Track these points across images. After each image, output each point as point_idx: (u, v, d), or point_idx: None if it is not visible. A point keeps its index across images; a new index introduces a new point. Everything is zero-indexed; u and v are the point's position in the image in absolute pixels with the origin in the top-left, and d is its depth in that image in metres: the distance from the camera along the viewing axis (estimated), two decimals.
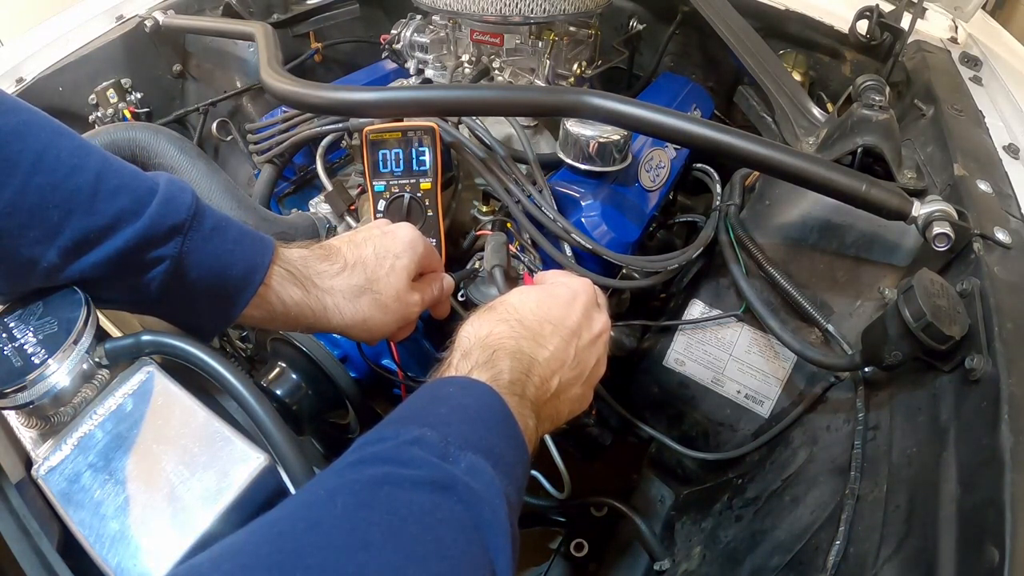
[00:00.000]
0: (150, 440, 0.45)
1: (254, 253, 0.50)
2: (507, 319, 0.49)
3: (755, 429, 0.77)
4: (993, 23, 1.14)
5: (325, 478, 0.34)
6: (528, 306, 0.50)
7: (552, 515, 0.96)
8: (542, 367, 0.48)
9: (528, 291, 0.53)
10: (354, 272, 0.55)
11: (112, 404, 0.47)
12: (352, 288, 0.54)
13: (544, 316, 0.50)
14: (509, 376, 0.45)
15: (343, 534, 0.30)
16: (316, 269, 0.53)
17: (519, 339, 0.48)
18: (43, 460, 0.45)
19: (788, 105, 0.87)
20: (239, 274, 0.48)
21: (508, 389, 0.44)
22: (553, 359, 0.49)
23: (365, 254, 0.56)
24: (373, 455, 0.36)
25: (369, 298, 0.55)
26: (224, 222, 0.49)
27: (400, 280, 0.56)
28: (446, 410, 0.40)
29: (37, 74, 0.99)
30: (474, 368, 0.45)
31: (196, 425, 0.46)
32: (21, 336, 0.44)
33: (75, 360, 0.44)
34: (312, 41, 1.24)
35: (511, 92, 0.69)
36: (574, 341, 0.51)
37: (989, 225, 0.59)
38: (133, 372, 0.49)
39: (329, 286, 0.54)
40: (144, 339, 0.48)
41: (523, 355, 0.47)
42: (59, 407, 0.45)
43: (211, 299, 0.48)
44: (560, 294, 0.53)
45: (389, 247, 0.57)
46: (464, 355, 0.46)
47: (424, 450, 0.36)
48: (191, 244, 0.46)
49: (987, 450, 0.43)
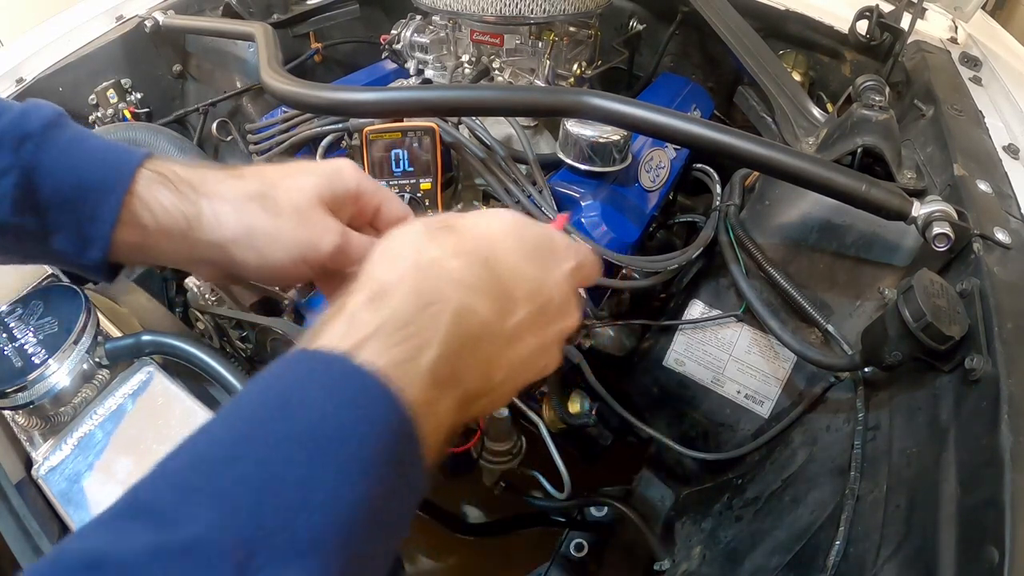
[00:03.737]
0: (150, 440, 0.45)
1: (119, 160, 0.41)
2: (472, 251, 0.32)
3: (755, 429, 0.77)
4: (993, 23, 1.14)
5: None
6: (507, 244, 0.34)
7: (552, 515, 0.96)
8: (495, 341, 0.32)
9: (512, 221, 0.36)
10: (248, 180, 0.43)
11: (112, 404, 0.47)
12: (242, 193, 0.42)
13: (523, 267, 0.34)
14: (436, 353, 0.28)
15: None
16: (201, 175, 0.43)
17: (476, 291, 0.31)
18: (43, 460, 0.45)
19: (788, 105, 0.87)
20: (99, 181, 0.40)
21: (427, 379, 0.28)
22: (513, 339, 0.33)
23: (270, 169, 0.44)
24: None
25: (260, 204, 0.42)
26: (88, 134, 0.42)
27: (307, 198, 0.42)
28: (282, 454, 0.24)
29: (37, 74, 0.99)
30: (380, 332, 0.28)
31: (196, 425, 0.46)
32: (21, 336, 0.44)
33: (75, 360, 0.44)
34: (312, 41, 1.24)
35: (511, 92, 0.69)
36: (539, 322, 0.35)
37: (989, 225, 0.59)
38: (133, 372, 0.49)
39: (212, 191, 0.42)
40: (144, 339, 0.48)
41: (473, 315, 0.31)
42: (59, 407, 0.46)
43: (72, 216, 0.41)
44: (553, 244, 0.37)
45: (303, 166, 0.44)
46: (373, 297, 0.29)
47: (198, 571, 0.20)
48: (45, 154, 0.40)
49: (987, 450, 0.43)
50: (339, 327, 0.28)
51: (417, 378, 0.28)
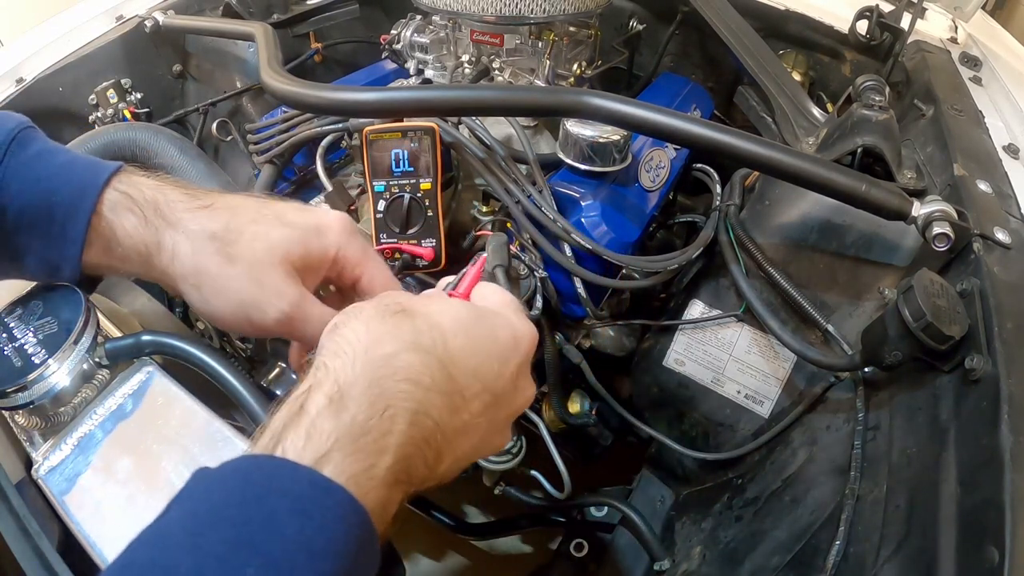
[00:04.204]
0: (150, 440, 0.45)
1: (85, 176, 0.40)
2: (427, 349, 0.32)
3: (755, 429, 0.77)
4: (993, 23, 1.14)
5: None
6: (460, 342, 0.34)
7: (552, 515, 0.96)
8: (445, 437, 0.32)
9: (465, 316, 0.35)
10: (216, 215, 0.40)
11: (112, 404, 0.47)
12: (203, 231, 0.40)
13: (476, 365, 0.34)
14: (391, 459, 0.29)
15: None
16: (168, 196, 0.41)
17: (430, 391, 0.31)
18: (43, 460, 0.45)
19: (788, 105, 0.87)
20: (66, 200, 0.39)
21: (383, 483, 0.29)
22: (462, 432, 0.34)
23: (246, 204, 0.42)
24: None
25: (216, 247, 0.40)
26: (55, 149, 0.41)
27: (270, 252, 0.40)
28: (252, 571, 0.24)
29: (37, 74, 0.99)
30: (340, 444, 0.28)
31: (196, 425, 0.46)
32: (21, 336, 0.44)
33: (75, 360, 0.44)
34: (312, 41, 1.24)
35: (511, 92, 0.69)
36: (490, 412, 0.35)
37: (989, 225, 0.59)
38: (133, 372, 0.49)
39: (177, 220, 0.40)
40: (144, 339, 0.48)
41: (427, 417, 0.31)
42: (59, 407, 0.46)
43: (40, 240, 0.40)
44: (502, 339, 0.36)
45: (283, 212, 0.42)
46: (332, 400, 0.29)
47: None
48: (9, 171, 0.39)
49: (987, 450, 0.43)
50: (300, 436, 0.28)
51: (374, 485, 0.29)
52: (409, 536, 1.23)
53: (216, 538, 0.24)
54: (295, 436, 0.28)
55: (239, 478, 0.27)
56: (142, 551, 0.25)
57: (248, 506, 0.25)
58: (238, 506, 0.26)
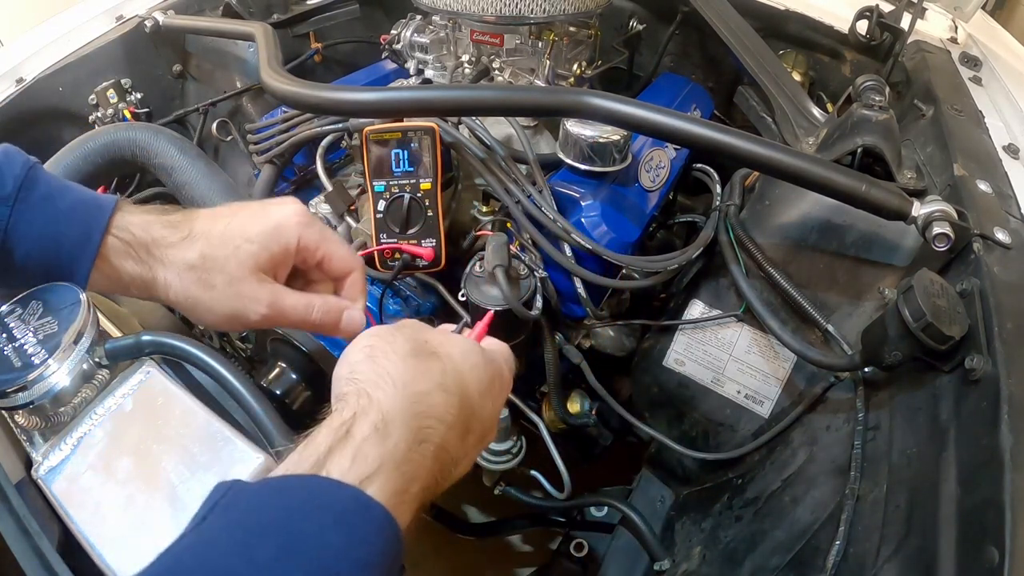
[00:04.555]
0: (150, 440, 0.45)
1: (87, 221, 0.45)
2: (451, 391, 0.37)
3: (755, 429, 0.77)
4: (993, 23, 1.14)
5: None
6: (473, 386, 0.39)
7: (552, 515, 0.96)
8: (454, 463, 0.38)
9: (477, 360, 0.41)
10: (192, 245, 0.47)
11: (112, 404, 0.47)
12: (183, 263, 0.47)
13: (481, 405, 0.40)
14: (421, 486, 0.34)
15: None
16: (155, 235, 0.47)
17: (451, 429, 0.36)
18: (43, 460, 0.45)
19: (788, 105, 0.87)
20: (71, 247, 0.45)
21: (416, 502, 0.34)
22: (462, 459, 0.39)
23: (215, 229, 0.48)
24: None
25: (196, 277, 0.47)
26: (58, 190, 0.46)
27: (241, 267, 0.47)
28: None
29: (37, 74, 0.99)
30: (384, 468, 0.31)
31: (196, 425, 0.46)
32: (21, 336, 0.44)
33: (75, 360, 0.44)
34: (312, 41, 1.24)
35: (511, 92, 0.69)
36: (480, 443, 0.41)
37: (989, 225, 0.59)
38: (133, 372, 0.49)
39: (162, 255, 0.47)
40: (144, 339, 0.48)
41: (446, 452, 0.36)
42: (59, 407, 0.46)
43: (47, 272, 0.45)
44: (497, 384, 0.42)
45: (244, 227, 0.48)
46: (378, 429, 0.33)
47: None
48: (18, 216, 0.43)
49: (987, 450, 0.43)
50: (347, 458, 0.31)
51: (406, 508, 0.32)
52: (409, 536, 1.22)
53: (266, 545, 0.27)
54: (341, 458, 0.31)
55: (287, 494, 0.29)
56: (187, 556, 0.27)
57: (296, 520, 0.28)
58: (286, 519, 0.28)
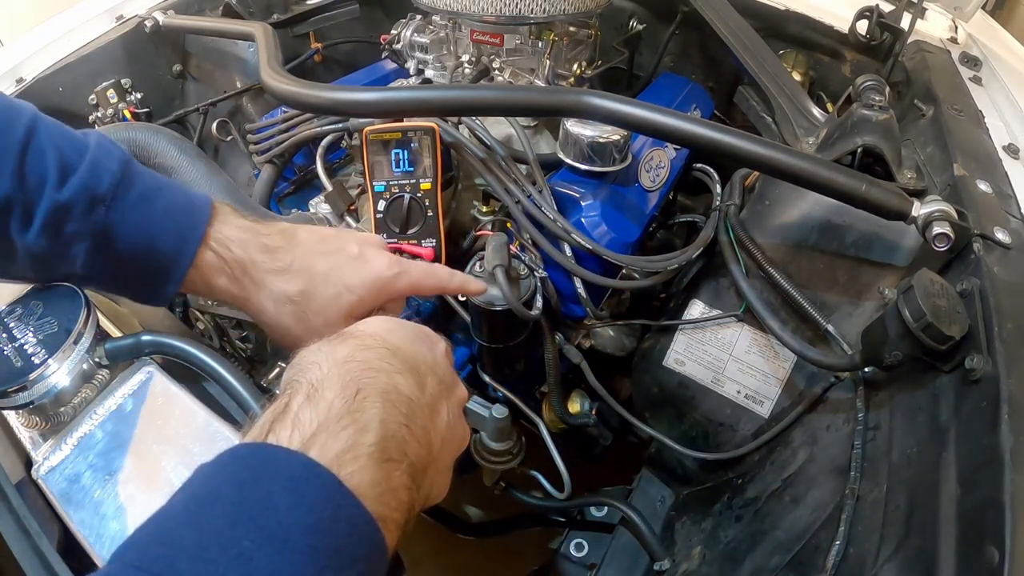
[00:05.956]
0: (150, 440, 0.45)
1: (183, 227, 0.45)
2: (371, 345, 0.37)
3: (755, 429, 0.77)
4: (993, 23, 1.14)
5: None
6: (398, 335, 0.39)
7: (552, 515, 0.96)
8: (423, 412, 0.36)
9: (383, 320, 0.42)
10: (293, 279, 0.48)
11: (112, 404, 0.47)
12: (283, 294, 0.48)
13: (415, 351, 0.39)
14: (379, 432, 0.32)
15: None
16: (253, 257, 0.47)
17: (392, 373, 0.36)
18: (43, 460, 0.45)
19: (788, 105, 0.87)
20: (166, 252, 0.45)
21: (377, 455, 0.31)
22: (433, 406, 0.38)
23: (317, 267, 0.48)
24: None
25: (293, 309, 0.48)
26: (153, 190, 0.45)
27: (338, 312, 0.48)
28: (247, 548, 0.26)
29: (37, 74, 0.99)
30: (323, 428, 0.31)
31: (196, 425, 0.46)
32: (21, 336, 0.44)
33: (75, 360, 0.44)
34: (312, 41, 1.24)
35: (511, 92, 0.69)
36: (444, 394, 0.40)
37: (989, 225, 0.59)
38: (133, 372, 0.49)
39: (261, 280, 0.48)
40: (144, 339, 0.48)
41: (399, 394, 0.35)
42: (59, 407, 0.46)
43: (140, 276, 0.45)
44: (421, 332, 0.43)
45: (344, 275, 0.49)
46: (310, 395, 0.33)
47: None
48: (115, 216, 0.43)
49: (987, 450, 0.43)
50: (287, 427, 0.31)
51: (363, 462, 0.31)
52: (410, 536, 1.23)
53: (215, 514, 0.27)
54: (282, 427, 0.31)
55: (235, 463, 0.29)
56: (146, 530, 0.27)
57: (244, 487, 0.28)
58: (235, 487, 0.28)
